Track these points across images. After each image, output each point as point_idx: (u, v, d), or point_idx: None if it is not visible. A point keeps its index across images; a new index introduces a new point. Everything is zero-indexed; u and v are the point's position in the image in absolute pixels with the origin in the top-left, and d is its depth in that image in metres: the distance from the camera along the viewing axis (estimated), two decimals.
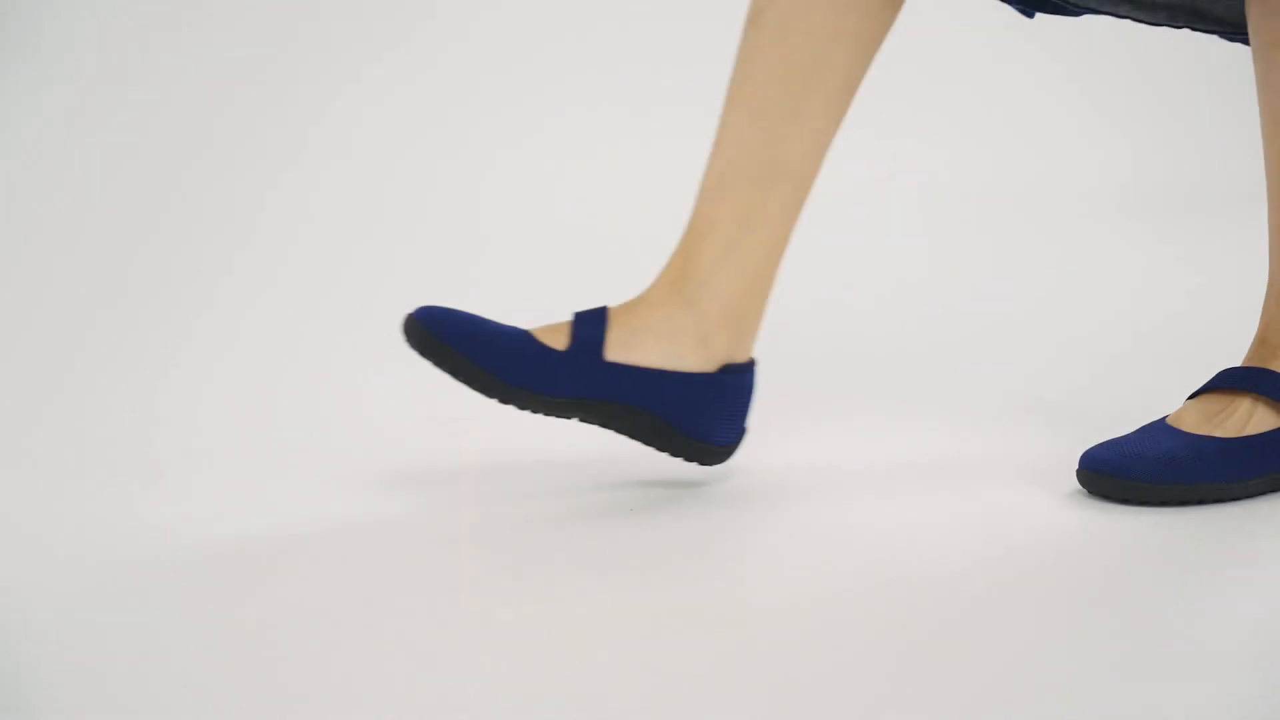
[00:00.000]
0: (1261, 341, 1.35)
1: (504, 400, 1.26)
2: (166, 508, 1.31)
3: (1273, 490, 1.28)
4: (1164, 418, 1.33)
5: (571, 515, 1.27)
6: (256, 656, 1.01)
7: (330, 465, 1.33)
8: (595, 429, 1.37)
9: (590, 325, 1.28)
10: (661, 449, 1.30)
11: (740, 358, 1.32)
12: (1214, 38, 1.38)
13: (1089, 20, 1.91)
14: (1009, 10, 1.51)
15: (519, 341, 1.26)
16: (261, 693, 0.96)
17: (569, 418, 1.28)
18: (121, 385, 1.67)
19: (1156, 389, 1.50)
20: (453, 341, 1.25)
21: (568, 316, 1.32)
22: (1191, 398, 1.33)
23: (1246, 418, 1.29)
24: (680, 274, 1.30)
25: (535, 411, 1.27)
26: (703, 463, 1.31)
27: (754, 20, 1.29)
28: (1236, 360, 1.37)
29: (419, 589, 1.12)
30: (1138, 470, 1.25)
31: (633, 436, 1.30)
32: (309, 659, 1.00)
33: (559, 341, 1.28)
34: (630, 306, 1.31)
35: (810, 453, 1.42)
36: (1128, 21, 1.36)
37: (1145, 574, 1.13)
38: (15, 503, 1.33)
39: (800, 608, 1.08)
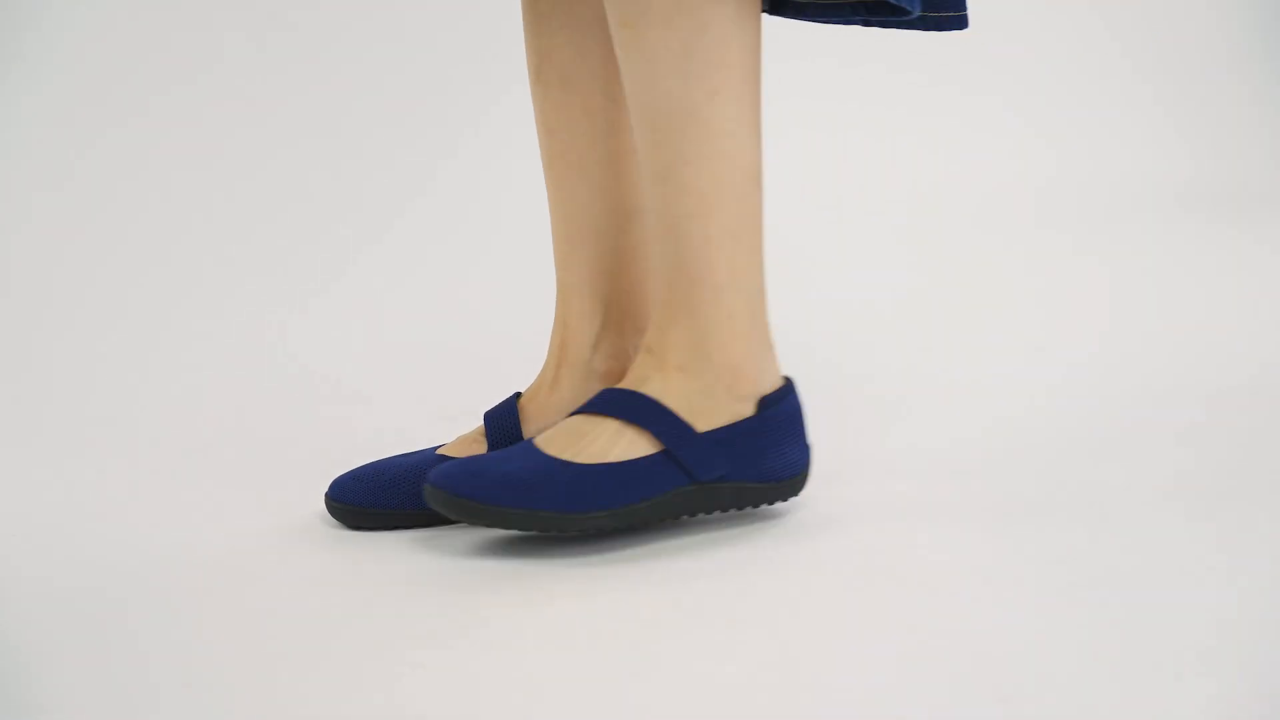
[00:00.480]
0: (648, 350, 1.20)
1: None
2: (168, 508, 1.31)
3: (624, 525, 1.16)
4: (536, 436, 1.20)
5: None
6: (255, 657, 1.01)
7: (334, 461, 1.33)
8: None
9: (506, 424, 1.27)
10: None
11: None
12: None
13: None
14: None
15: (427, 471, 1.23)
16: (260, 693, 0.96)
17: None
18: (124, 385, 1.68)
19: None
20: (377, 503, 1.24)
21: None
22: (577, 413, 1.20)
23: (611, 444, 1.17)
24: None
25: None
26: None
27: (537, 79, 1.27)
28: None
29: (420, 589, 1.13)
30: (471, 488, 1.14)
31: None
32: (308, 660, 1.00)
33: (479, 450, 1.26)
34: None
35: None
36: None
37: (1145, 573, 1.12)
38: (16, 503, 1.33)
39: (799, 606, 1.08)
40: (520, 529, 1.15)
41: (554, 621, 1.06)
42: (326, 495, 1.26)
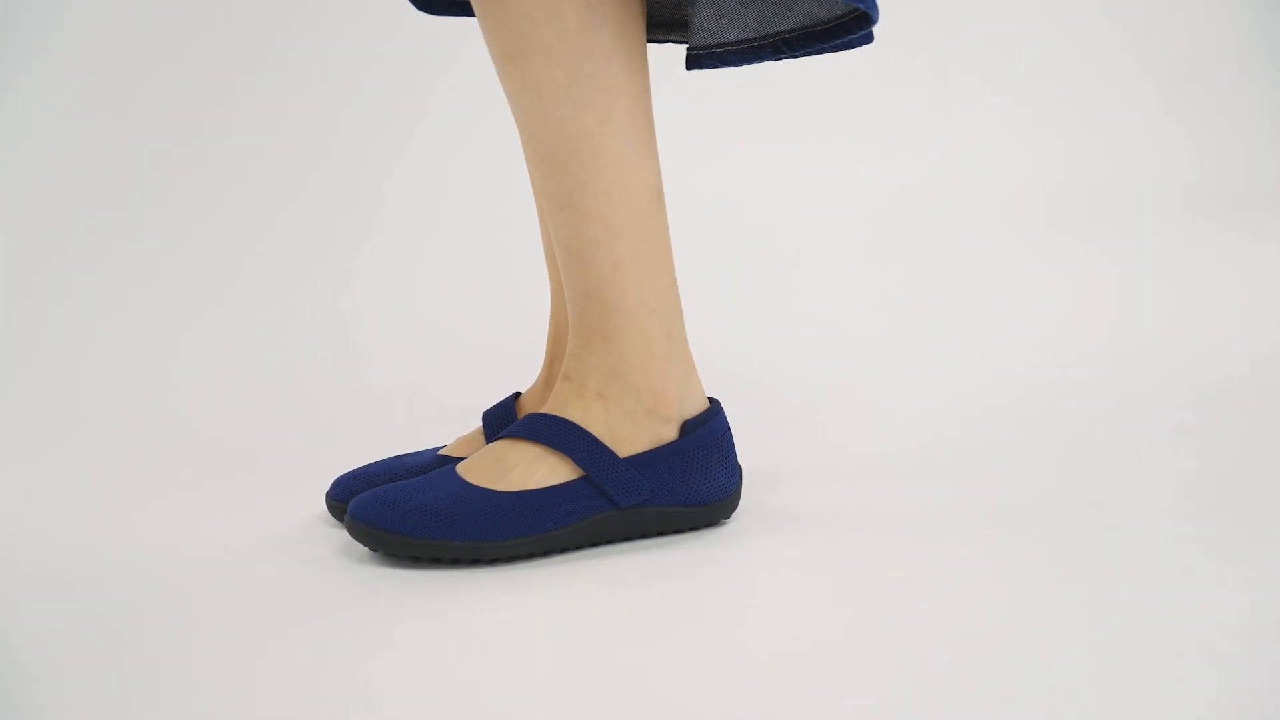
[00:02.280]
0: (566, 377, 1.20)
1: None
2: (168, 509, 1.31)
3: (542, 553, 1.16)
4: (459, 462, 1.20)
5: None
6: (255, 657, 1.01)
7: (335, 461, 1.33)
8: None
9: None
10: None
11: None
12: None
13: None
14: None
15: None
16: (259, 693, 0.96)
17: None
18: (124, 386, 1.68)
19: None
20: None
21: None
22: (499, 438, 1.20)
23: (532, 470, 1.16)
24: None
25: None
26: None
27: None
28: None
29: (418, 588, 1.13)
30: (389, 519, 1.14)
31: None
32: (307, 660, 1.00)
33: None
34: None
35: (809, 450, 1.41)
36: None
37: (1147, 573, 1.12)
38: (14, 503, 1.33)
39: (799, 607, 1.08)
40: (438, 558, 1.14)
41: (550, 621, 1.06)
42: (327, 495, 1.26)
